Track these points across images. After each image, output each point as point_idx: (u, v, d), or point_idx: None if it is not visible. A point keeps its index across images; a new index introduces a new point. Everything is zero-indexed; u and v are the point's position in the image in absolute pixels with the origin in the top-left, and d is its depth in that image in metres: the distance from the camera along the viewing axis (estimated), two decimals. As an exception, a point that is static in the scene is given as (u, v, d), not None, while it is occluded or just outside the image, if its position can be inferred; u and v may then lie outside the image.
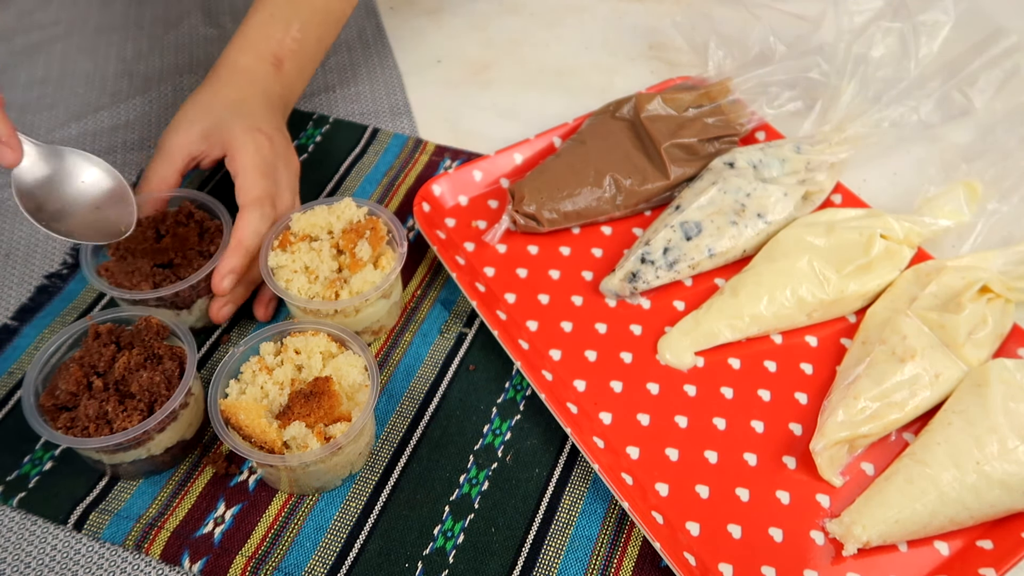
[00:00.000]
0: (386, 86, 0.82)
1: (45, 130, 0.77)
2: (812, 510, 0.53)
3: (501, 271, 0.65)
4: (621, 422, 0.57)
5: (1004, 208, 0.63)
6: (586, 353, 0.60)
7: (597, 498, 0.54)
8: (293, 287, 0.56)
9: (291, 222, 0.59)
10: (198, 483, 0.54)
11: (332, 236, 0.59)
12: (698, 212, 0.64)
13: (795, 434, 0.56)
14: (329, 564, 0.51)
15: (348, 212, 0.59)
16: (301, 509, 0.53)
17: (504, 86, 0.83)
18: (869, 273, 0.61)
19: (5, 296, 0.65)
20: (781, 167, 0.67)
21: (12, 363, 0.60)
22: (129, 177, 0.73)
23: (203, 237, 0.60)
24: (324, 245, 0.58)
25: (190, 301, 0.59)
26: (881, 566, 0.51)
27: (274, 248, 0.58)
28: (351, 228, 0.59)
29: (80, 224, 0.55)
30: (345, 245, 0.58)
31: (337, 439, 0.49)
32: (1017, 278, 0.60)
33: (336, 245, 0.59)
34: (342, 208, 0.60)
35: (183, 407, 0.53)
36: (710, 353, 0.60)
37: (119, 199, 0.56)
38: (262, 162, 0.60)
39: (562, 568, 0.51)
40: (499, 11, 0.91)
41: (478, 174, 0.71)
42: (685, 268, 0.63)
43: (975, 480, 0.50)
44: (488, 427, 0.57)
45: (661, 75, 0.83)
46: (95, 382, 0.51)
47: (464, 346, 0.62)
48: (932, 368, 0.55)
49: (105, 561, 0.52)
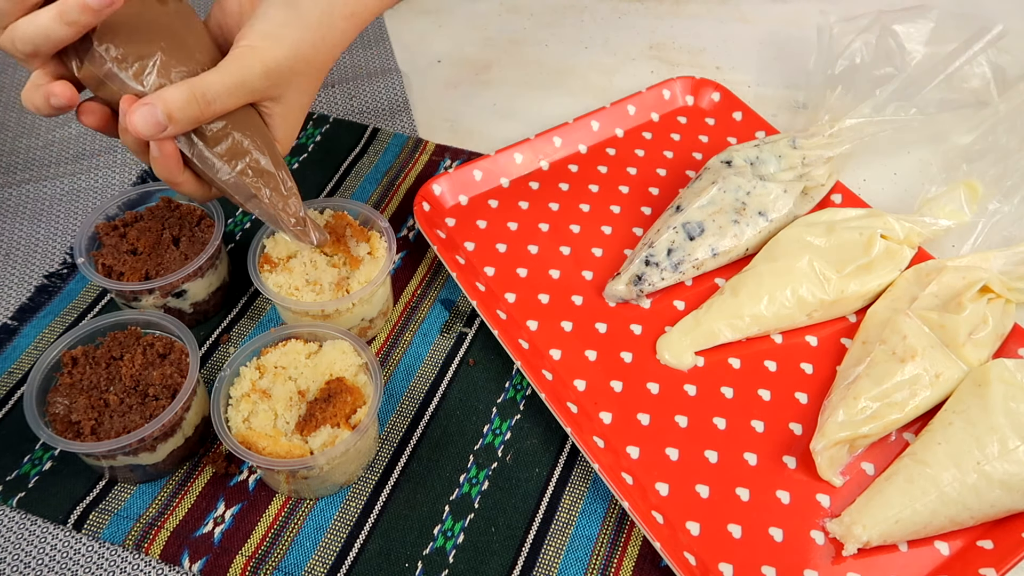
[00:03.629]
0: (386, 86, 0.82)
1: (45, 130, 0.77)
2: (812, 510, 0.53)
3: (501, 271, 0.65)
4: (621, 422, 0.57)
5: (1005, 208, 0.63)
6: (586, 353, 0.60)
7: (597, 498, 0.54)
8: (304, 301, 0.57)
9: (267, 248, 0.59)
10: (198, 483, 0.54)
11: (313, 248, 0.59)
12: (699, 212, 0.64)
13: (795, 434, 0.56)
14: (329, 564, 0.51)
15: (315, 219, 0.60)
16: (301, 509, 0.53)
17: (504, 86, 0.83)
18: (869, 273, 0.61)
19: (5, 296, 0.65)
20: (778, 163, 0.67)
21: (12, 363, 0.60)
22: (129, 177, 0.74)
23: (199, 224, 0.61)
24: (311, 256, 0.59)
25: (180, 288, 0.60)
26: (881, 566, 0.51)
27: (264, 269, 0.58)
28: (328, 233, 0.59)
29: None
30: (332, 250, 0.58)
31: (363, 422, 0.50)
32: (1018, 278, 0.60)
33: (323, 251, 0.59)
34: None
35: (186, 409, 0.53)
36: (710, 353, 0.60)
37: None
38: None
39: (562, 568, 0.51)
40: (499, 11, 0.91)
41: (478, 174, 0.71)
42: (689, 268, 0.63)
43: (975, 480, 0.50)
44: (488, 427, 0.57)
45: (661, 75, 0.83)
46: (109, 398, 0.51)
47: (464, 346, 0.62)
48: (932, 368, 0.55)
49: (105, 561, 0.52)
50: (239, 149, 0.51)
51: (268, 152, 0.52)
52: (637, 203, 0.70)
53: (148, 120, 0.46)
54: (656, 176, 0.73)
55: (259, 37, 0.50)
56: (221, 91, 0.48)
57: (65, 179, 0.73)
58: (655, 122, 0.77)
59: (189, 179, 0.51)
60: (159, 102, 0.46)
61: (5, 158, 0.75)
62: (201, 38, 0.51)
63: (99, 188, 0.73)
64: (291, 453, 0.49)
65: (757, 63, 0.85)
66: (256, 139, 0.51)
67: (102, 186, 0.73)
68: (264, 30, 0.50)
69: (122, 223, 0.61)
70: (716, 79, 0.81)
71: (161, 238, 0.60)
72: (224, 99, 0.48)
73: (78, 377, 0.52)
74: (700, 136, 0.76)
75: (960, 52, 0.68)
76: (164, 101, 0.46)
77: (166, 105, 0.46)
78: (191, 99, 0.47)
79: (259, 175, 0.51)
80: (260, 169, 0.51)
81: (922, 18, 0.70)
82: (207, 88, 0.48)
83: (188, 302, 0.61)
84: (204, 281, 0.60)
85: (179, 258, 0.59)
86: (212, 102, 0.48)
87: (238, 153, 0.50)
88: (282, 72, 0.51)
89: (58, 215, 0.70)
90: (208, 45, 0.51)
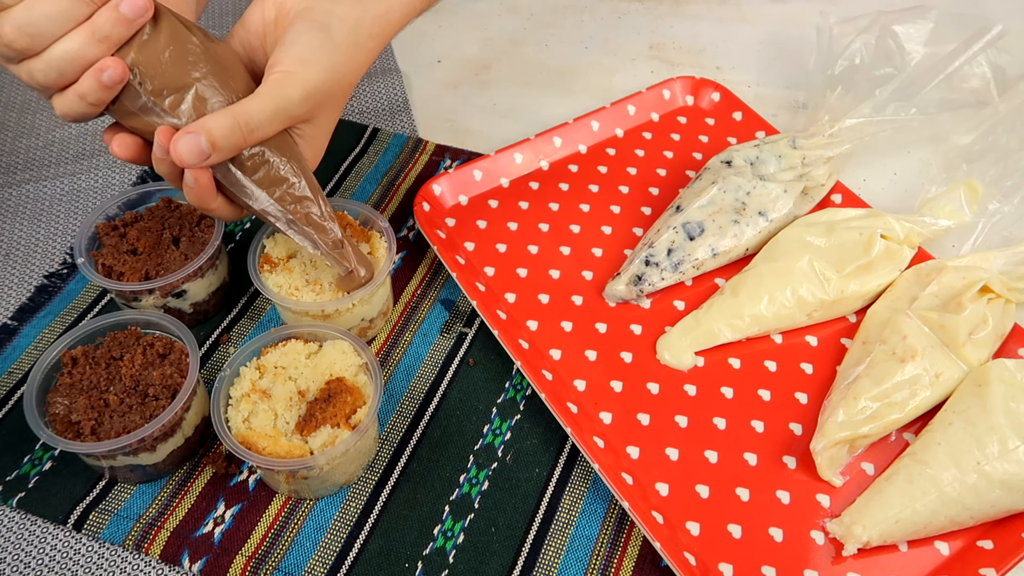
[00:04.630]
0: (386, 86, 0.82)
1: (45, 129, 0.77)
2: (812, 510, 0.53)
3: (501, 271, 0.65)
4: (621, 422, 0.57)
5: (1005, 208, 0.63)
6: (586, 353, 0.60)
7: (597, 498, 0.54)
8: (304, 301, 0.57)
9: (267, 248, 0.59)
10: (198, 483, 0.54)
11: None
12: (699, 212, 0.64)
13: (795, 434, 0.56)
14: (329, 564, 0.51)
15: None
16: (301, 509, 0.53)
17: (504, 86, 0.83)
18: (869, 273, 0.61)
19: (5, 296, 0.65)
20: (778, 163, 0.67)
21: (12, 363, 0.60)
22: (129, 177, 0.74)
23: (199, 225, 0.61)
24: (311, 256, 0.58)
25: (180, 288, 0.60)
26: (881, 566, 0.51)
27: (264, 270, 0.58)
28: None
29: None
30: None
31: (363, 422, 0.50)
32: (1018, 278, 0.60)
33: None
34: None
35: (186, 409, 0.53)
36: (710, 353, 0.60)
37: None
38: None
39: (562, 568, 0.51)
40: (499, 11, 0.91)
41: (478, 174, 0.71)
42: (689, 268, 0.63)
43: (976, 480, 0.50)
44: (488, 427, 0.57)
45: (661, 75, 0.83)
46: (109, 399, 0.51)
47: (464, 346, 0.62)
48: (932, 368, 0.55)
49: (105, 561, 0.52)
50: (276, 177, 0.50)
51: (305, 177, 0.52)
52: (637, 203, 0.70)
53: (192, 149, 0.46)
54: (656, 176, 0.73)
55: (295, 63, 0.49)
56: (263, 120, 0.48)
57: (65, 179, 0.73)
58: (655, 122, 0.77)
59: (222, 204, 0.51)
60: (202, 131, 0.46)
61: (5, 158, 0.75)
62: (233, 64, 0.51)
63: (99, 188, 0.73)
64: (291, 453, 0.49)
65: (757, 63, 0.85)
66: (292, 164, 0.51)
67: (102, 186, 0.73)
68: (299, 55, 0.49)
69: (122, 223, 0.61)
70: (716, 79, 0.81)
71: (161, 238, 0.60)
72: (265, 127, 0.48)
73: (78, 377, 0.52)
74: (700, 136, 0.76)
75: (960, 52, 0.68)
76: (208, 130, 0.46)
77: (210, 134, 0.46)
78: (234, 127, 0.47)
79: (296, 202, 0.51)
80: (297, 197, 0.51)
81: (922, 18, 0.70)
82: (250, 116, 0.47)
83: (188, 302, 0.61)
84: (204, 281, 0.60)
85: (179, 258, 0.59)
86: (255, 130, 0.48)
87: (276, 181, 0.50)
88: (319, 96, 0.50)
89: (58, 215, 0.70)
90: (240, 71, 0.51)
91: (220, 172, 0.49)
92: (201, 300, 0.61)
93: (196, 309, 0.62)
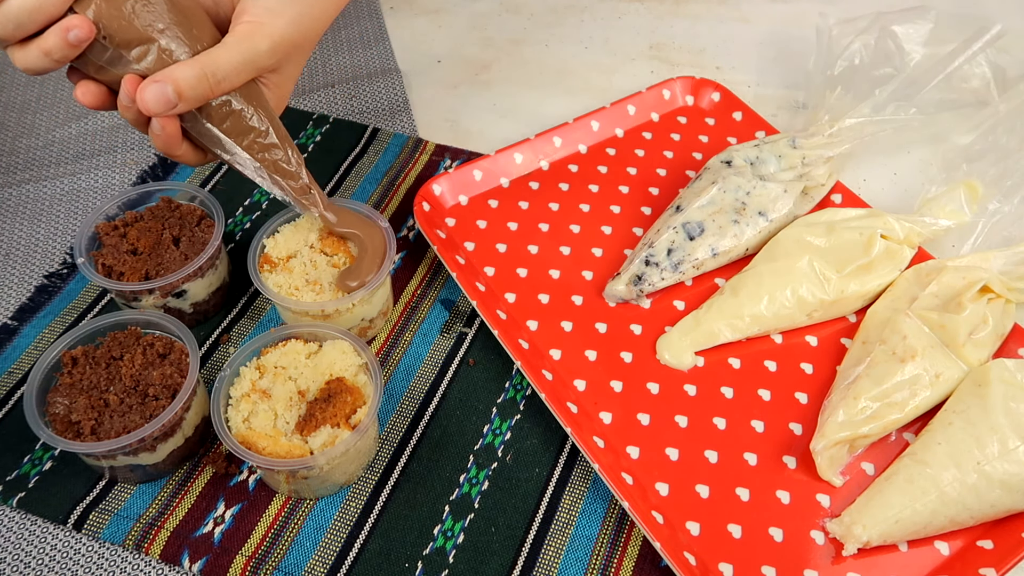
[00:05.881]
0: (386, 86, 0.82)
1: (45, 129, 0.77)
2: (812, 510, 0.53)
3: (501, 271, 0.65)
4: (621, 422, 0.57)
5: (1005, 208, 0.63)
6: (586, 353, 0.60)
7: (597, 498, 0.54)
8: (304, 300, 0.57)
9: (267, 248, 0.59)
10: (198, 483, 0.54)
11: (313, 248, 0.59)
12: (699, 212, 0.64)
13: (795, 434, 0.56)
14: (329, 564, 0.51)
15: (315, 222, 0.60)
16: (301, 509, 0.53)
17: (504, 86, 0.83)
18: (869, 273, 0.61)
19: (5, 296, 0.65)
20: (778, 163, 0.67)
21: (12, 363, 0.60)
22: (129, 177, 0.74)
23: (199, 224, 0.61)
24: (311, 256, 0.59)
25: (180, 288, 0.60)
26: (881, 566, 0.51)
27: (264, 270, 0.58)
28: (328, 233, 0.59)
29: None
30: (332, 250, 0.58)
31: (363, 422, 0.50)
32: (1018, 278, 0.60)
33: (322, 251, 0.59)
34: (306, 221, 0.60)
35: (186, 409, 0.53)
36: (710, 353, 0.60)
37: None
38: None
39: (562, 568, 0.51)
40: (499, 11, 0.91)
41: (478, 174, 0.71)
42: (689, 268, 0.63)
43: (976, 480, 0.50)
44: (488, 427, 0.57)
45: (661, 75, 0.83)
46: (109, 398, 0.51)
47: (464, 346, 0.62)
48: (932, 368, 0.55)
49: (105, 561, 0.52)
50: (244, 126, 0.51)
51: (272, 125, 0.52)
52: (637, 203, 0.70)
53: (158, 98, 0.46)
54: (656, 176, 0.73)
55: (263, 12, 0.50)
56: (230, 69, 0.48)
57: (65, 179, 0.73)
58: (655, 122, 0.77)
59: (188, 150, 0.51)
60: (169, 80, 0.46)
61: (5, 158, 0.75)
62: (196, 13, 0.51)
63: (99, 188, 0.73)
64: (291, 453, 0.49)
65: (757, 63, 0.85)
66: (260, 113, 0.52)
67: (102, 186, 0.73)
68: (266, 5, 0.50)
69: (122, 223, 0.61)
70: (716, 79, 0.81)
71: (161, 238, 0.60)
72: (232, 77, 0.48)
73: (78, 377, 0.52)
74: (700, 136, 0.76)
75: (960, 52, 0.68)
76: (174, 79, 0.46)
77: (177, 84, 0.46)
78: (201, 77, 0.47)
79: (264, 150, 0.52)
80: (265, 145, 0.52)
81: (921, 19, 0.70)
82: (217, 67, 0.47)
83: (188, 302, 0.61)
84: (204, 281, 0.60)
85: (179, 258, 0.59)
86: (222, 80, 0.48)
87: (244, 130, 0.51)
88: (286, 46, 0.51)
89: (58, 215, 0.70)
90: (204, 20, 0.51)
91: (188, 121, 0.50)
92: (201, 300, 0.61)
93: (196, 309, 0.62)
